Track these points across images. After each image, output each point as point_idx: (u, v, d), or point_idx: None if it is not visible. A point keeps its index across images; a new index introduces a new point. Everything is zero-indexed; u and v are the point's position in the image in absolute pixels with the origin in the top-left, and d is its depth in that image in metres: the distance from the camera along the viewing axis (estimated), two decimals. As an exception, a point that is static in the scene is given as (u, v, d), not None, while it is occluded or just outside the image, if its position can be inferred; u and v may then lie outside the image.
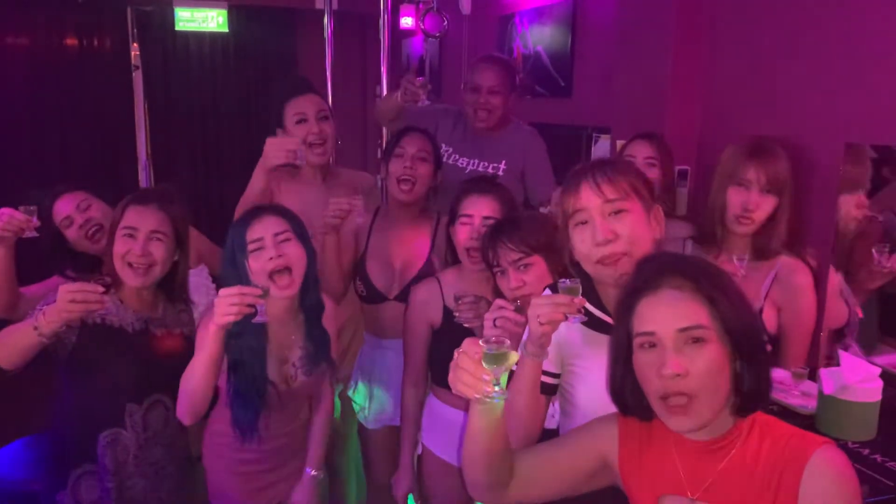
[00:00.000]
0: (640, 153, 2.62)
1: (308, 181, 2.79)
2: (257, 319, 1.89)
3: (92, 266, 2.44)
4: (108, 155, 6.31)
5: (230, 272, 2.03)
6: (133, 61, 6.40)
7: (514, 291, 1.96)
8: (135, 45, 6.39)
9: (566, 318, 1.48)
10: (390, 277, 2.63)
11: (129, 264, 2.07)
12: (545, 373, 1.64)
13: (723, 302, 1.26)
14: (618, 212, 1.56)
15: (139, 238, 2.08)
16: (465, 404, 1.35)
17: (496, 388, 1.22)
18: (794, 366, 2.16)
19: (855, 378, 1.91)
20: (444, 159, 3.08)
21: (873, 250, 2.44)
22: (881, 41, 2.40)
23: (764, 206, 2.19)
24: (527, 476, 1.43)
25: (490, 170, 3.09)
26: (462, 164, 3.13)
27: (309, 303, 2.15)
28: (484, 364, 1.21)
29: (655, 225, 1.61)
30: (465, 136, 3.15)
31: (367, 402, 2.72)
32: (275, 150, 2.47)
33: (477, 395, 1.22)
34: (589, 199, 1.56)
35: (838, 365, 1.94)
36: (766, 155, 2.19)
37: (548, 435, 1.92)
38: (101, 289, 1.86)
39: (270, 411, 2.11)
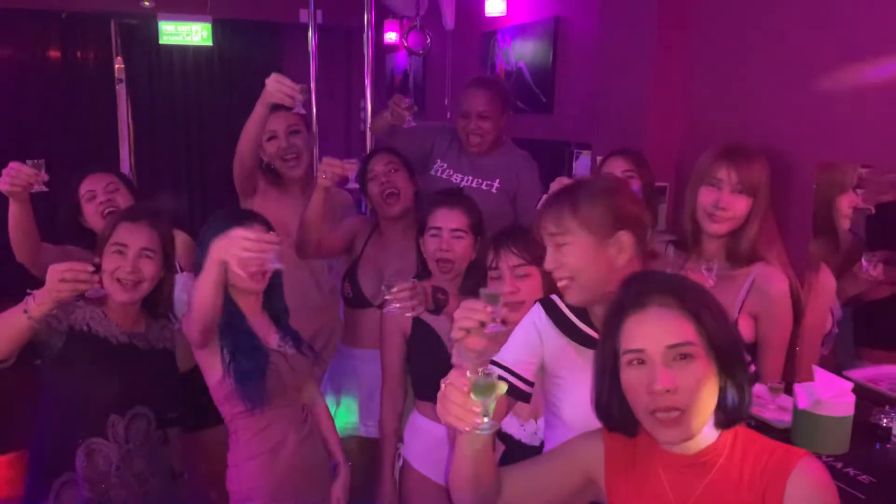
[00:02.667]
0: (618, 168, 2.65)
1: (287, 192, 2.86)
2: (273, 265, 1.99)
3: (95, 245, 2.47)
4: (91, 167, 6.27)
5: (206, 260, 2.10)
6: (117, 74, 6.41)
7: (507, 297, 1.97)
8: (119, 58, 6.40)
9: (483, 326, 1.45)
10: (378, 285, 2.65)
11: (118, 280, 2.08)
12: (520, 378, 1.67)
13: (707, 318, 1.28)
14: (560, 245, 1.62)
15: (129, 255, 2.09)
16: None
17: (486, 420, 1.22)
18: (772, 375, 2.19)
19: (828, 393, 1.95)
20: (438, 174, 3.14)
21: (863, 258, 2.49)
22: (856, 63, 2.47)
23: (736, 205, 2.15)
24: (513, 494, 1.44)
25: (484, 187, 3.11)
26: (456, 179, 3.16)
27: (274, 311, 2.24)
28: (472, 396, 1.21)
29: (615, 252, 1.61)
30: (460, 154, 3.18)
31: (334, 411, 2.74)
32: (275, 87, 2.49)
33: (467, 429, 1.23)
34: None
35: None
36: (738, 155, 2.17)
37: (532, 452, 1.96)
38: (91, 268, 1.85)
39: (278, 384, 2.14)
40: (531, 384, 1.71)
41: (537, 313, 1.74)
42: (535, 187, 3.13)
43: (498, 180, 3.12)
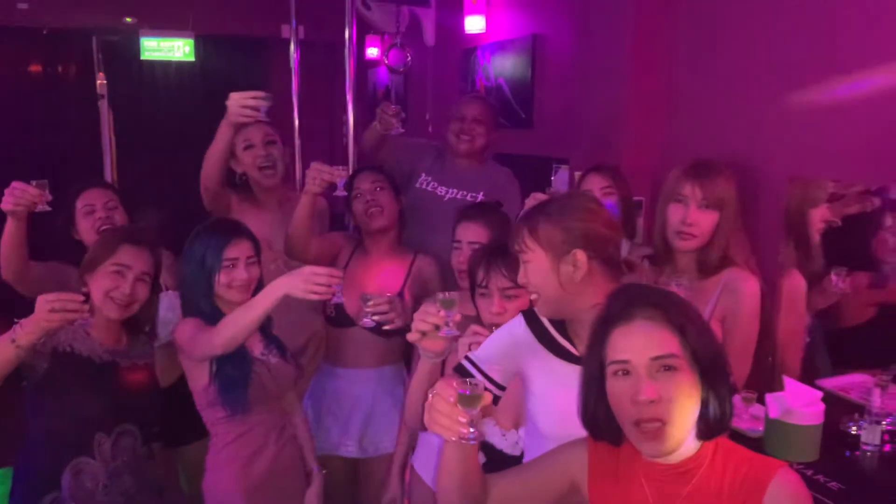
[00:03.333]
0: (596, 185, 2.70)
1: (264, 206, 2.89)
2: (335, 300, 2.15)
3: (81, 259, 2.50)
4: (73, 184, 6.26)
5: (197, 271, 2.19)
6: (98, 90, 6.39)
7: (495, 317, 2.00)
8: (100, 74, 6.40)
9: (437, 330, 1.58)
10: (360, 304, 2.68)
11: (111, 298, 2.10)
12: (488, 378, 1.72)
13: (691, 331, 1.32)
14: (525, 262, 1.68)
15: (129, 277, 2.11)
16: None
17: (472, 430, 1.26)
18: (736, 378, 2.23)
19: (798, 402, 2.01)
20: (424, 186, 3.22)
21: (832, 273, 2.54)
22: (827, 80, 2.54)
23: (703, 222, 2.19)
24: (499, 501, 1.46)
25: (468, 198, 3.19)
26: (441, 192, 3.24)
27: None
28: (459, 405, 1.25)
29: (571, 270, 1.63)
30: (445, 168, 3.27)
31: (314, 428, 2.77)
32: (237, 109, 2.52)
33: (454, 438, 1.27)
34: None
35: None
36: (702, 172, 2.21)
37: (513, 462, 1.99)
38: (81, 297, 1.86)
39: (261, 393, 2.20)
40: (501, 387, 1.76)
41: (518, 323, 1.78)
42: (518, 204, 3.19)
43: (482, 193, 3.20)
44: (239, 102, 2.51)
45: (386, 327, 2.24)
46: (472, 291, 2.11)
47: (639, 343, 1.31)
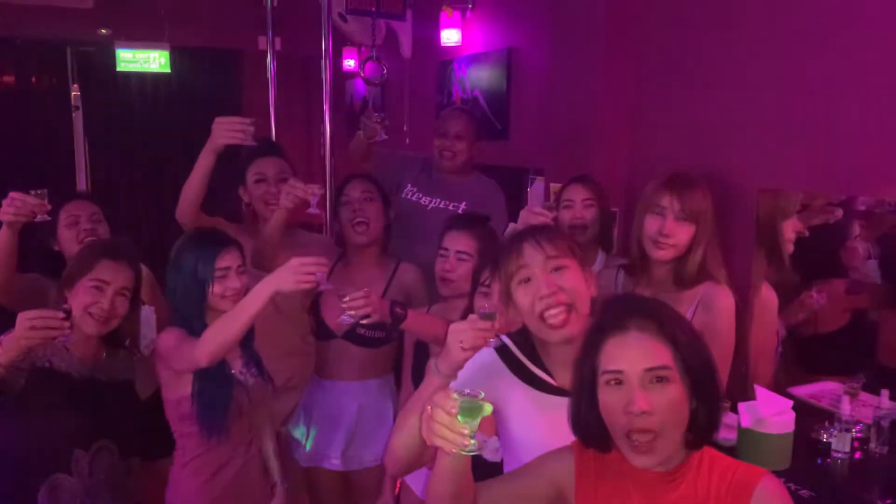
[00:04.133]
0: (578, 196, 2.71)
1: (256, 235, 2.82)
2: (322, 287, 2.12)
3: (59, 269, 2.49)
4: (47, 194, 6.20)
5: (190, 283, 2.15)
6: (73, 101, 6.34)
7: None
8: (75, 85, 6.34)
9: (487, 344, 1.54)
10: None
11: (90, 314, 2.07)
12: None
13: (683, 343, 1.33)
14: (558, 268, 1.64)
15: (108, 293, 2.08)
16: None
17: (472, 441, 1.23)
18: None
19: (770, 411, 2.04)
20: (409, 197, 3.29)
21: (814, 290, 2.60)
22: (796, 92, 2.59)
23: (679, 233, 2.21)
24: None
25: (451, 208, 3.25)
26: (425, 202, 3.30)
27: None
28: (459, 418, 1.22)
29: (592, 283, 1.68)
30: (430, 179, 3.35)
31: (304, 439, 2.77)
32: (223, 129, 2.48)
33: (454, 450, 1.24)
34: (532, 256, 1.65)
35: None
36: (681, 184, 2.24)
37: (494, 468, 1.98)
38: (62, 314, 1.84)
39: (237, 413, 2.19)
40: None
41: (488, 355, 1.71)
42: (502, 213, 3.25)
43: (464, 203, 3.26)
44: (224, 127, 2.48)
45: (364, 321, 2.22)
46: (471, 291, 2.15)
47: (633, 354, 1.32)
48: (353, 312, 2.16)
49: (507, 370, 1.72)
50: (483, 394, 1.25)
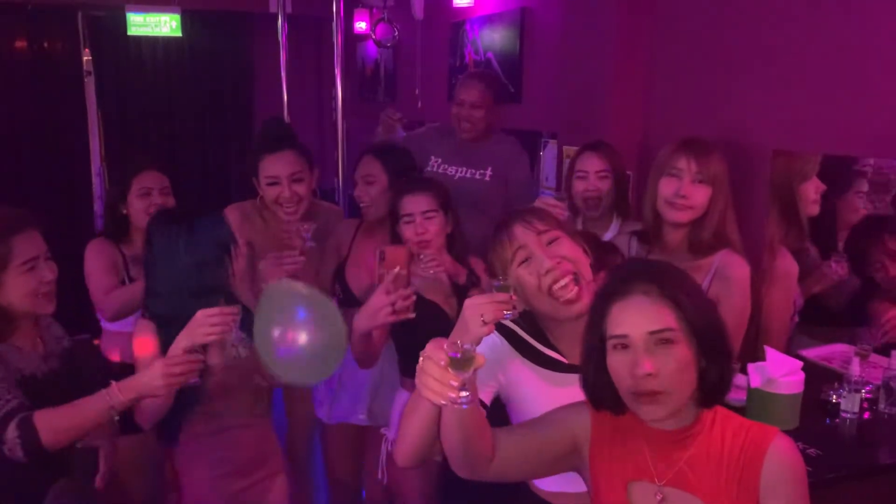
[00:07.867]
0: (592, 167, 2.69)
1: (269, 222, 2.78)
2: (235, 336, 2.12)
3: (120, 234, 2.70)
4: (61, 161, 6.24)
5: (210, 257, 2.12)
6: (85, 67, 6.34)
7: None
8: (86, 50, 6.34)
9: (504, 316, 1.53)
10: (366, 284, 2.70)
11: (43, 295, 1.95)
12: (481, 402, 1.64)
13: (687, 304, 1.35)
14: (552, 240, 1.67)
15: (41, 265, 1.95)
16: None
17: (463, 394, 1.22)
18: None
19: (779, 372, 2.06)
20: (434, 169, 3.33)
21: (832, 259, 2.60)
22: (811, 53, 2.56)
23: (696, 195, 2.18)
24: (505, 456, 1.46)
25: (477, 176, 3.29)
26: (451, 172, 3.35)
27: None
28: (450, 369, 1.22)
29: (588, 249, 1.70)
30: (453, 147, 3.39)
31: (327, 397, 2.82)
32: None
33: (444, 402, 1.24)
34: (525, 235, 1.68)
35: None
36: (696, 147, 2.21)
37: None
38: (237, 310, 1.98)
39: (224, 395, 2.17)
40: (487, 407, 1.68)
41: (494, 340, 1.70)
42: (526, 171, 3.33)
43: (490, 168, 3.31)
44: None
45: (442, 277, 2.30)
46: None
47: (636, 318, 1.34)
48: (432, 272, 2.25)
49: (516, 353, 1.72)
50: (474, 346, 1.24)
